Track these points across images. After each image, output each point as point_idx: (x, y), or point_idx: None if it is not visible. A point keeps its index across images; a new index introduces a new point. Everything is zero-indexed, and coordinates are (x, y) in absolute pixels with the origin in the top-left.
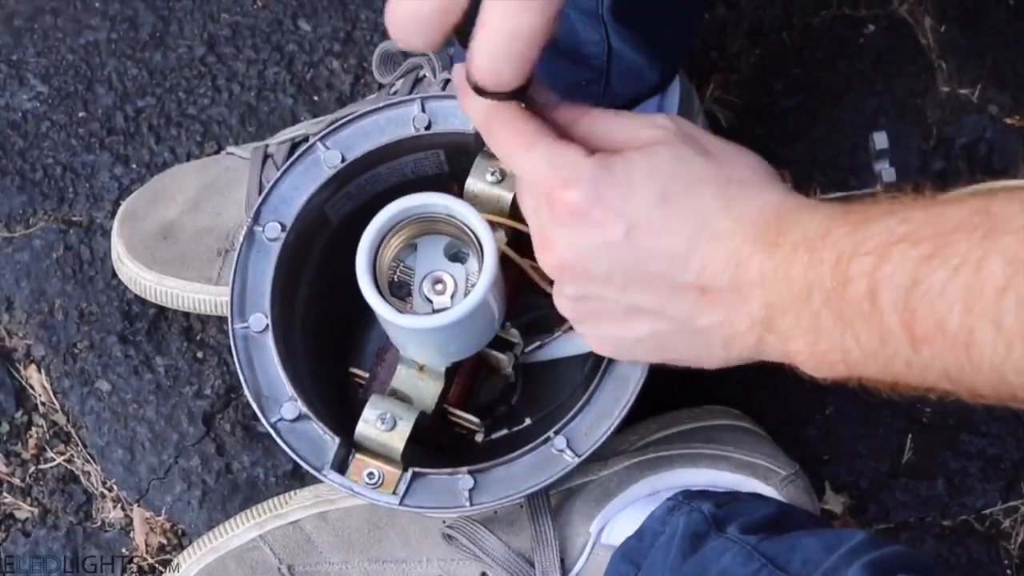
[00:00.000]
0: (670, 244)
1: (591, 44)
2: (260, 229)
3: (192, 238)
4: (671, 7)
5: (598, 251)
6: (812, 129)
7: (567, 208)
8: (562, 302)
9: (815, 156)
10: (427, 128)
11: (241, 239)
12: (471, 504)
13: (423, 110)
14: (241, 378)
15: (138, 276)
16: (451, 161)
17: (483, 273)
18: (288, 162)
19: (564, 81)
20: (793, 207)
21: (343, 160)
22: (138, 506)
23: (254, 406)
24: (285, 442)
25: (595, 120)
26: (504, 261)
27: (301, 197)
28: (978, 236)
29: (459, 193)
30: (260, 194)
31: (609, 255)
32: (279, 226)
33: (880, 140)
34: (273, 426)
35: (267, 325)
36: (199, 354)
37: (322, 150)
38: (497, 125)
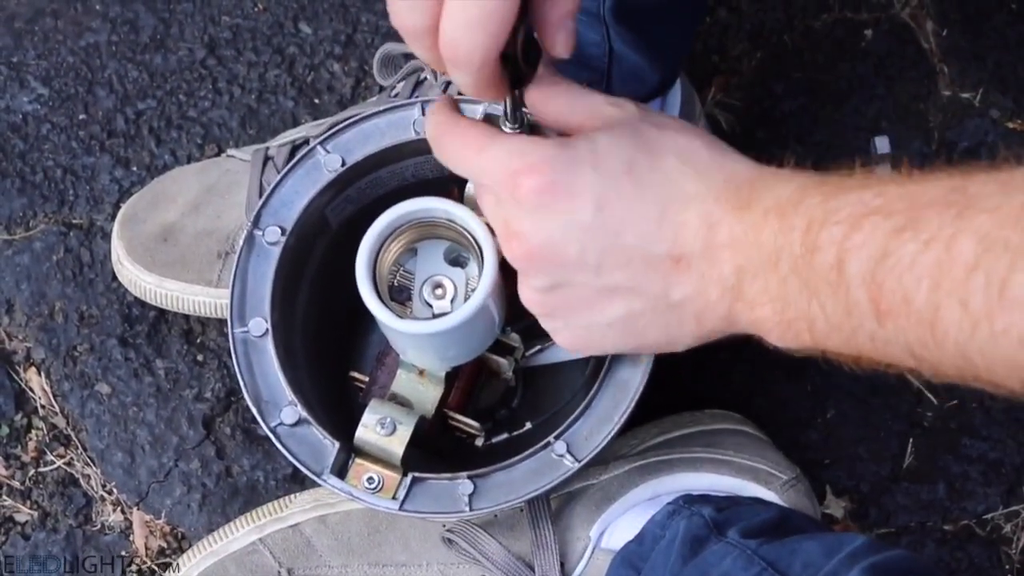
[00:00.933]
0: (642, 212)
1: (592, 45)
2: (260, 233)
3: (192, 240)
4: (672, 9)
5: (569, 232)
6: (813, 132)
7: (533, 191)
8: (530, 295)
9: (816, 159)
10: None
11: (241, 243)
12: (471, 509)
13: (424, 113)
14: (241, 382)
15: (138, 278)
16: None
17: (483, 278)
18: (288, 166)
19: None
20: (764, 174)
21: (343, 164)
22: (138, 509)
23: (253, 410)
24: (284, 447)
25: (560, 95)
26: (504, 266)
27: (301, 201)
28: (952, 213)
29: (460, 197)
30: (260, 197)
31: (581, 234)
32: (279, 230)
33: (882, 145)
34: (273, 431)
35: (267, 329)
36: (199, 357)
37: (322, 154)
38: (446, 135)
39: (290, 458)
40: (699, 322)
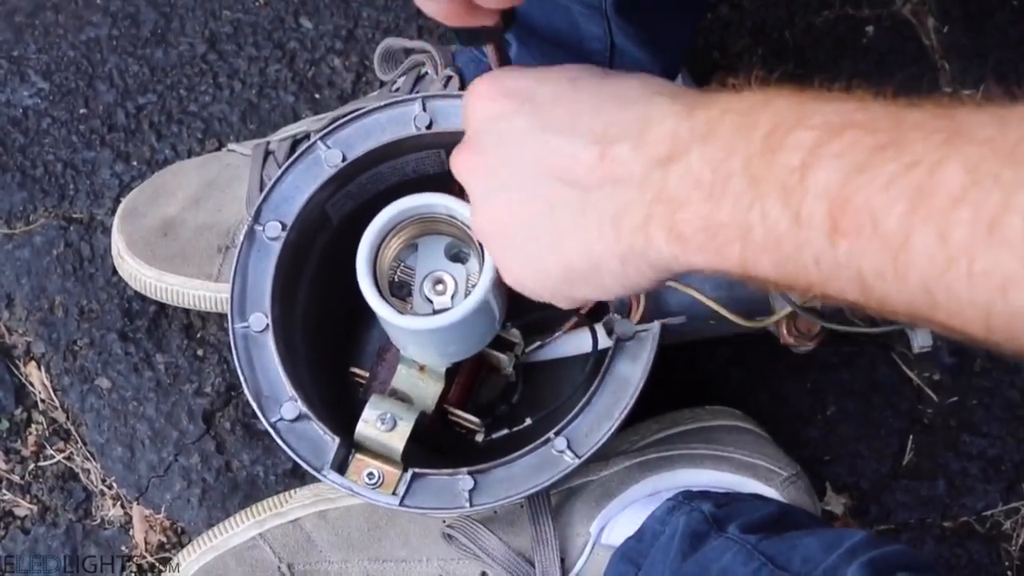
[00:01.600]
0: (575, 110)
1: (594, 39)
2: (260, 228)
3: (193, 235)
4: (673, 3)
5: (499, 128)
6: None
7: (481, 95)
8: (475, 215)
9: None
10: (428, 127)
11: (242, 238)
12: (471, 505)
13: (424, 109)
14: (241, 378)
15: (138, 272)
16: None
17: (483, 273)
18: (289, 161)
19: None
20: (721, 94)
21: (344, 159)
22: (137, 504)
23: (254, 406)
24: (285, 442)
25: None
26: None
27: (302, 196)
28: (939, 139)
29: (460, 193)
30: (261, 191)
31: (509, 128)
32: (280, 225)
33: None
34: (273, 426)
35: (267, 325)
36: (199, 352)
37: (323, 149)
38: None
39: (290, 453)
40: (616, 229)
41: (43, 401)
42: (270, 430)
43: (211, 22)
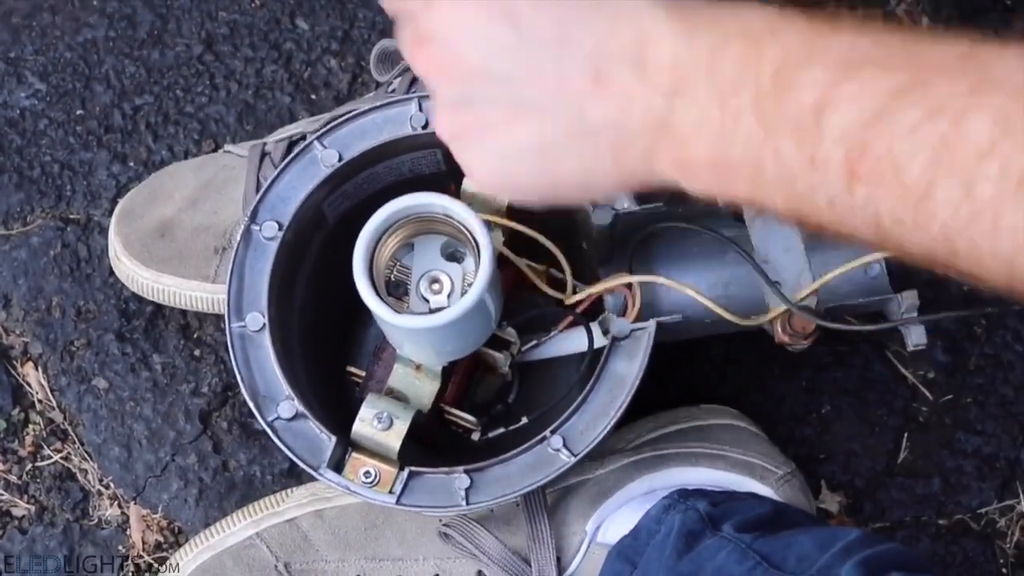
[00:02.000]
0: (560, 19)
1: None
2: (257, 228)
3: (189, 236)
4: None
5: (475, 35)
6: None
7: None
8: (440, 115)
9: None
10: (424, 127)
11: (238, 238)
12: (467, 503)
13: (420, 109)
14: (238, 377)
15: (135, 274)
16: (448, 160)
17: (479, 272)
18: (285, 161)
19: None
20: (722, 11)
21: (340, 159)
22: (135, 503)
23: (251, 405)
24: (281, 441)
25: None
26: (501, 260)
27: (298, 196)
28: (965, 85)
29: (456, 193)
30: (257, 192)
31: (488, 38)
32: (276, 225)
33: None
34: (270, 425)
35: (264, 324)
36: (196, 352)
37: (319, 149)
38: None
39: (287, 452)
40: (617, 158)
41: (40, 401)
42: (267, 429)
43: (207, 23)
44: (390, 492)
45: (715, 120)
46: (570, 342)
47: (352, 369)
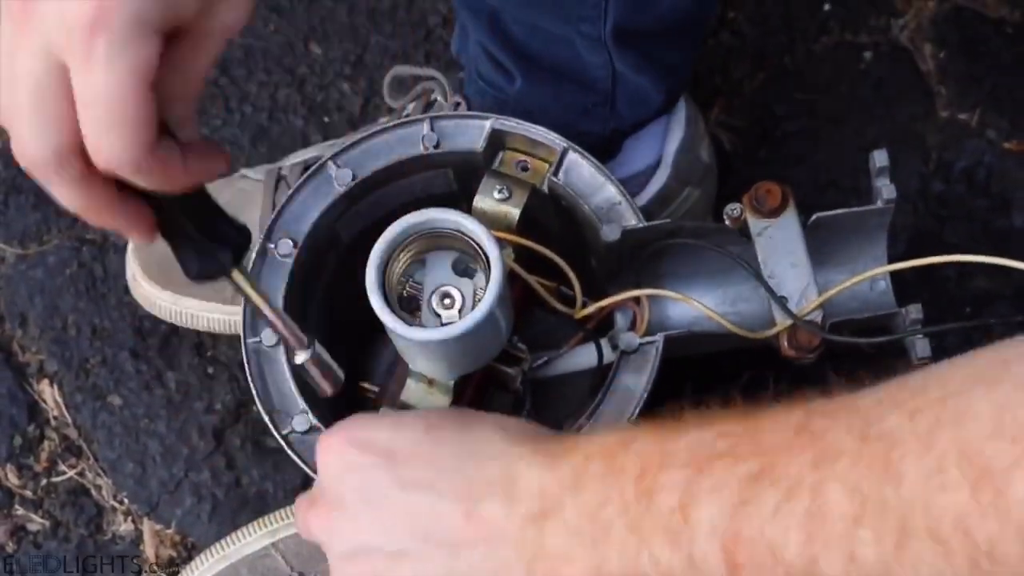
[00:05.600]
0: (435, 466)
1: (595, 68)
2: (272, 246)
3: None
4: (672, 31)
5: (363, 481)
6: (814, 152)
7: (332, 450)
8: (336, 568)
9: (816, 179)
10: (436, 147)
11: (253, 256)
12: None
13: (432, 129)
14: (253, 391)
15: (153, 296)
16: (460, 180)
17: (490, 286)
18: (300, 181)
19: (570, 105)
20: (579, 438)
21: (354, 178)
22: (148, 519)
23: (266, 419)
24: (296, 454)
25: None
26: (511, 277)
27: (312, 215)
28: (807, 459)
29: (468, 211)
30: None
31: (373, 483)
32: (291, 243)
33: (880, 158)
34: (284, 438)
35: (278, 339)
36: (210, 370)
37: (333, 168)
38: None
39: (302, 465)
40: None
41: (55, 418)
42: (282, 442)
43: None
44: None
45: (586, 535)
46: (580, 358)
47: (365, 384)
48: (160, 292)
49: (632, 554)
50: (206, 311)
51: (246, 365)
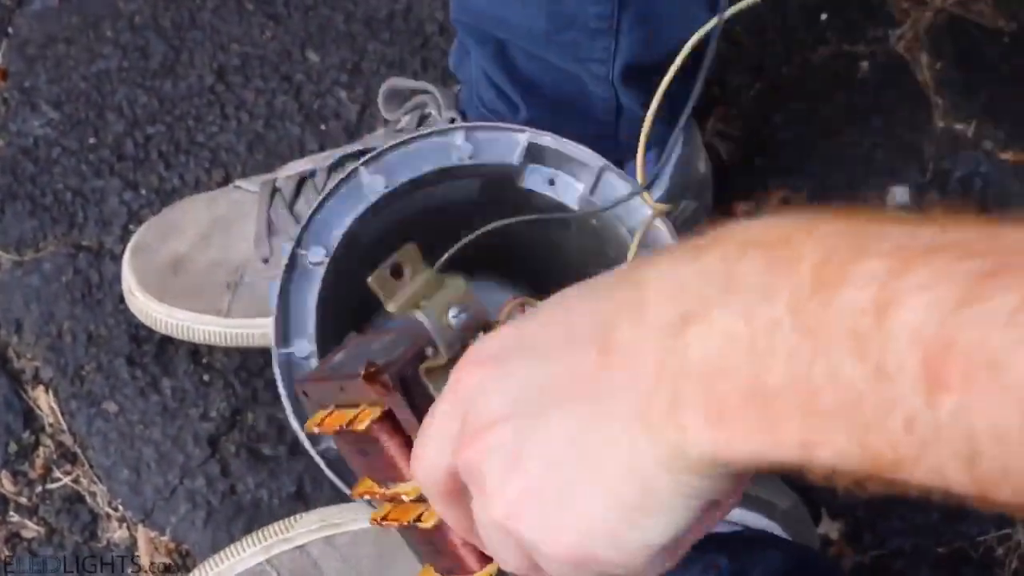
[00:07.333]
0: (569, 319)
1: (600, 102)
2: (304, 254)
3: (203, 271)
4: (681, 70)
5: (504, 375)
6: (810, 162)
7: (469, 357)
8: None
9: (813, 189)
10: (470, 158)
11: (284, 264)
12: None
13: (467, 139)
14: (286, 405)
15: (149, 308)
16: (486, 190)
17: None
18: (330, 187)
19: (572, 136)
20: (732, 225)
21: (386, 186)
22: (143, 526)
23: (300, 436)
24: (333, 471)
25: None
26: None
27: (344, 222)
28: None
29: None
30: (268, 229)
31: (513, 370)
32: (323, 250)
33: (900, 195)
34: (322, 455)
35: (312, 351)
36: (205, 377)
37: (366, 176)
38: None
39: (337, 482)
40: (647, 428)
41: (51, 425)
42: (317, 459)
43: (219, 54)
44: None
45: (742, 339)
46: None
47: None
48: (156, 304)
49: (803, 363)
50: (201, 323)
51: (278, 378)
